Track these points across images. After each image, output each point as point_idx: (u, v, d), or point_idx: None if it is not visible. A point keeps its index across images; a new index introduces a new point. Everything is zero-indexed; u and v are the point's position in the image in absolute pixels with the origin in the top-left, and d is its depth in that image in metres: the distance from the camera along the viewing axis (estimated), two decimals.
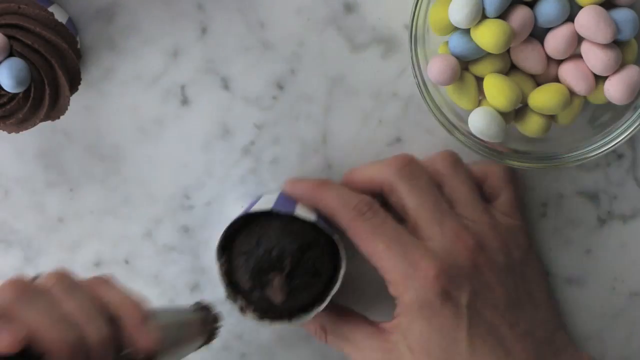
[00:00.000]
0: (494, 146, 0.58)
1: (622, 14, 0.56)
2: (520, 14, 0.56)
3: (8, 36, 0.55)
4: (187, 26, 0.62)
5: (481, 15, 0.55)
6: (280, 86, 0.63)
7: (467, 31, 0.56)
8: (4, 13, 0.55)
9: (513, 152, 0.59)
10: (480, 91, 0.58)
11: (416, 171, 0.56)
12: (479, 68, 0.57)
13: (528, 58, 0.57)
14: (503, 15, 0.56)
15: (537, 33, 0.57)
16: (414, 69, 0.57)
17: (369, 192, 0.57)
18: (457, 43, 0.56)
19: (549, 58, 0.57)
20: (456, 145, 0.59)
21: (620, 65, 0.56)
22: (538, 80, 0.58)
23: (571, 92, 0.57)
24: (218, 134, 0.63)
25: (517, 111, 0.58)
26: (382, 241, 0.54)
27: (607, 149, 0.58)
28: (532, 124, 0.58)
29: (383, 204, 0.57)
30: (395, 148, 0.62)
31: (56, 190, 0.63)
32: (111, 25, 0.62)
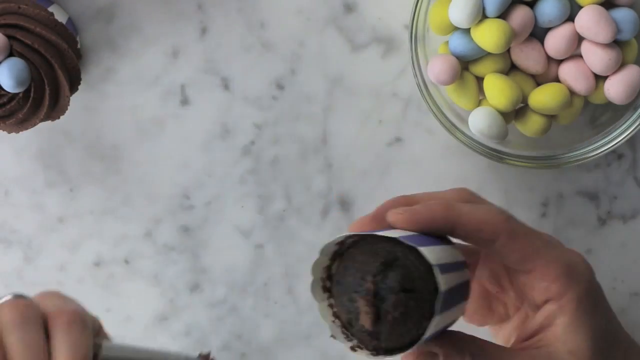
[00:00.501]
0: (494, 146, 0.58)
1: (622, 14, 0.56)
2: (520, 14, 0.56)
3: (8, 36, 0.55)
4: (187, 26, 0.62)
5: (481, 15, 0.55)
6: (280, 86, 0.63)
7: (467, 31, 0.56)
8: (4, 13, 0.55)
9: (513, 152, 0.59)
10: (480, 91, 0.58)
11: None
12: (479, 68, 0.57)
13: (528, 58, 0.57)
14: (503, 15, 0.56)
15: (537, 33, 0.57)
16: (414, 69, 0.57)
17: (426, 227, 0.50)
18: (457, 43, 0.56)
19: (549, 58, 0.57)
20: (456, 145, 0.58)
21: (620, 65, 0.56)
22: (538, 80, 0.58)
23: (571, 92, 0.57)
24: (218, 134, 0.63)
25: (517, 111, 0.58)
26: (539, 237, 0.51)
27: (607, 149, 0.58)
28: (532, 124, 0.58)
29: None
30: (395, 148, 0.62)
31: (56, 190, 0.63)
32: (111, 25, 0.62)
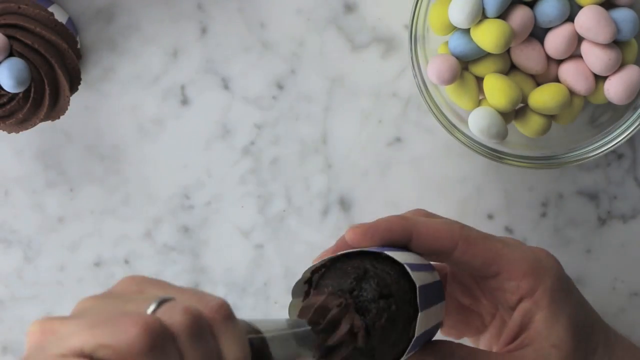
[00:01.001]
0: (494, 146, 0.58)
1: (622, 14, 0.56)
2: (520, 14, 0.56)
3: (8, 36, 0.55)
4: (187, 26, 0.62)
5: (481, 15, 0.55)
6: (280, 86, 0.63)
7: (467, 31, 0.56)
8: (4, 13, 0.55)
9: (513, 152, 0.59)
10: (480, 91, 0.58)
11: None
12: (479, 68, 0.57)
13: (528, 58, 0.57)
14: (503, 15, 0.56)
15: (537, 33, 0.57)
16: (414, 69, 0.57)
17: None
18: (457, 43, 0.56)
19: (549, 58, 0.57)
20: (456, 145, 0.58)
21: (620, 65, 0.56)
22: (538, 80, 0.58)
23: (571, 92, 0.57)
24: (218, 134, 0.63)
25: (517, 111, 0.58)
26: (497, 240, 0.51)
27: (607, 149, 0.58)
28: (532, 124, 0.58)
29: None
30: (395, 148, 0.62)
31: (56, 190, 0.63)
32: (111, 25, 0.62)
